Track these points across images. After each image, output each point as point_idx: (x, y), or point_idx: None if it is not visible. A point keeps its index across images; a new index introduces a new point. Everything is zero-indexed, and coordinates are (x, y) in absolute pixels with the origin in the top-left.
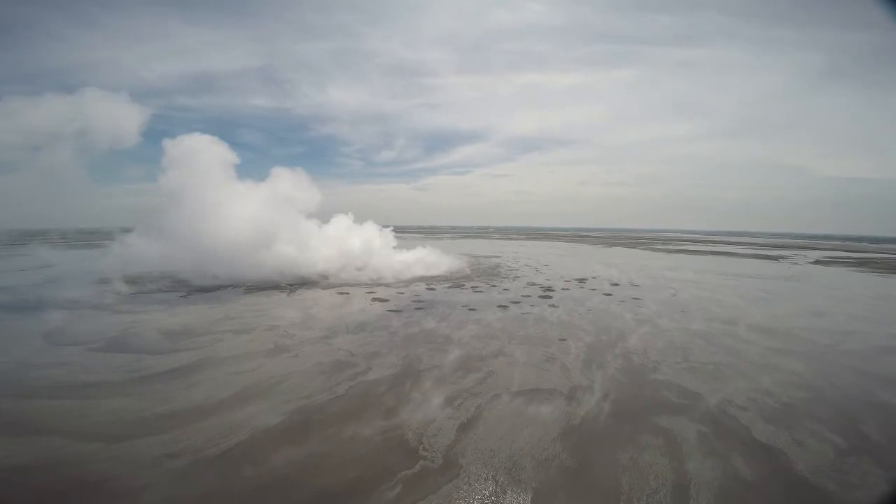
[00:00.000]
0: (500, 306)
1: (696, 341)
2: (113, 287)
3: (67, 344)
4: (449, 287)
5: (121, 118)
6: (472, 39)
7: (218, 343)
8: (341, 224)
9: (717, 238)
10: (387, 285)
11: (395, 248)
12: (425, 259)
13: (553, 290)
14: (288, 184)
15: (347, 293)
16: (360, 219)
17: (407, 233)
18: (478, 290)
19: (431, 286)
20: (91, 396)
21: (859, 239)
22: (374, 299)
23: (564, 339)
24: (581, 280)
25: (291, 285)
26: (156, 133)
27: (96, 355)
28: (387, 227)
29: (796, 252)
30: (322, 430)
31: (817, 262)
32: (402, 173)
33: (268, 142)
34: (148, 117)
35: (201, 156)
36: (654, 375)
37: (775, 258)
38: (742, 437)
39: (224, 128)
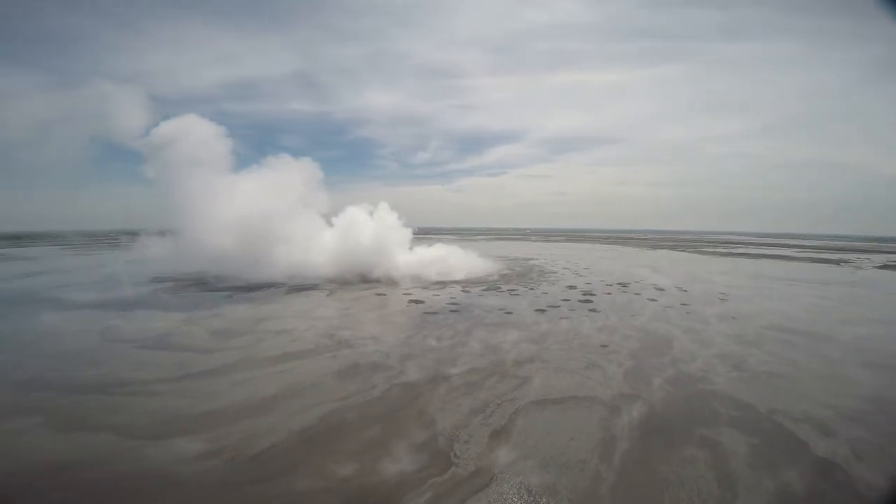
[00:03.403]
0: (537, 310)
1: (749, 350)
2: (161, 287)
3: (121, 341)
4: (485, 290)
5: (130, 111)
6: (504, 39)
7: (260, 342)
8: (359, 218)
9: (769, 240)
10: (422, 287)
11: (427, 249)
12: (460, 261)
13: (594, 295)
14: (295, 175)
15: (384, 294)
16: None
17: (442, 234)
18: (514, 293)
19: (467, 289)
20: (140, 394)
21: None
22: (411, 301)
23: (606, 346)
24: (623, 284)
25: (330, 284)
26: None
27: (147, 353)
28: (408, 227)
29: (858, 255)
30: (356, 433)
31: (884, 266)
32: (436, 175)
33: (309, 145)
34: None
35: (199, 144)
36: (701, 385)
37: (835, 262)
38: (797, 452)
39: (268, 133)
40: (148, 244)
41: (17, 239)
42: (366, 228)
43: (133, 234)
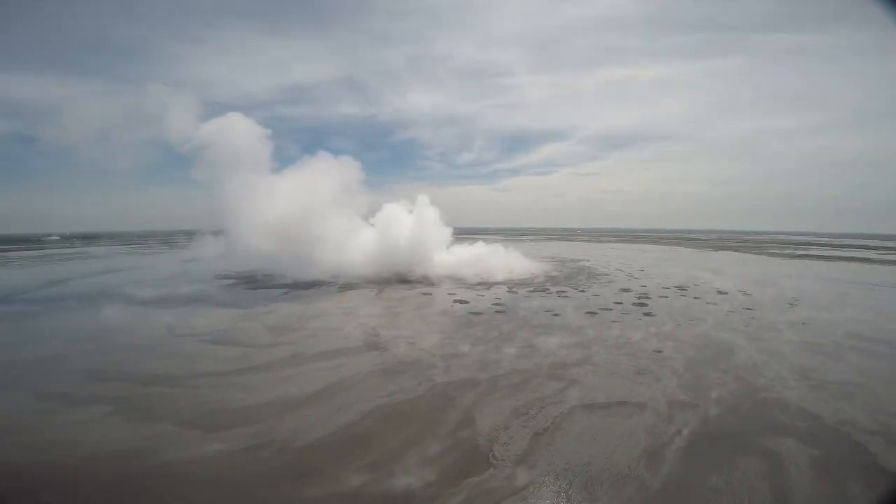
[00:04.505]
0: (587, 313)
1: (821, 359)
2: (217, 284)
3: (183, 335)
4: (531, 291)
5: (183, 112)
6: (545, 37)
7: (312, 339)
8: (398, 217)
9: (843, 241)
10: (466, 287)
11: (469, 248)
12: (505, 261)
13: (649, 298)
14: (335, 174)
15: (429, 294)
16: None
17: (487, 235)
18: (563, 294)
19: (513, 289)
20: (200, 386)
21: None
22: (455, 301)
23: (660, 351)
24: (681, 287)
25: (375, 284)
26: None
27: (208, 347)
28: (450, 226)
29: None
30: (397, 430)
31: None
32: (481, 175)
33: (358, 148)
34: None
35: (241, 144)
36: (763, 393)
37: None
38: (865, 464)
39: (320, 136)
40: (202, 244)
41: (85, 239)
42: (405, 227)
43: (189, 234)
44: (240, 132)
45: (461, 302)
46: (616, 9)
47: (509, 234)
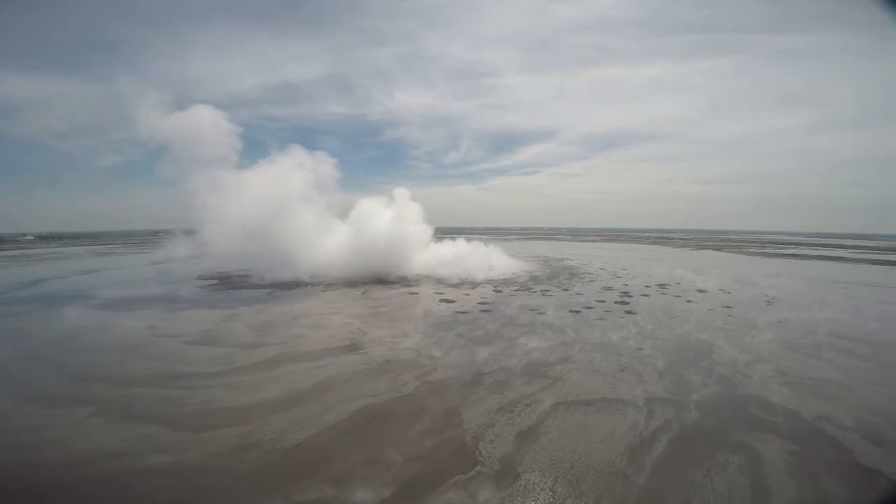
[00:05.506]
0: (571, 311)
1: (796, 355)
2: (195, 285)
3: (166, 336)
4: (516, 290)
5: (154, 109)
6: (536, 36)
7: (298, 339)
8: (378, 213)
9: (822, 241)
10: (452, 286)
11: (454, 246)
12: (490, 260)
13: (631, 296)
14: (309, 168)
15: (416, 293)
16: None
17: (474, 234)
18: (547, 293)
19: (498, 288)
20: (184, 387)
21: None
22: (442, 300)
23: (641, 349)
24: (663, 286)
25: (359, 284)
26: (247, 140)
27: (191, 348)
28: (435, 225)
29: None
30: (384, 430)
31: None
32: (467, 175)
33: (346, 148)
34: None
35: (209, 138)
36: (742, 390)
37: None
38: (841, 460)
39: (306, 135)
40: (179, 244)
41: (61, 239)
42: (384, 224)
43: (169, 234)
44: (207, 126)
45: (447, 301)
46: (608, 10)
47: (496, 234)
